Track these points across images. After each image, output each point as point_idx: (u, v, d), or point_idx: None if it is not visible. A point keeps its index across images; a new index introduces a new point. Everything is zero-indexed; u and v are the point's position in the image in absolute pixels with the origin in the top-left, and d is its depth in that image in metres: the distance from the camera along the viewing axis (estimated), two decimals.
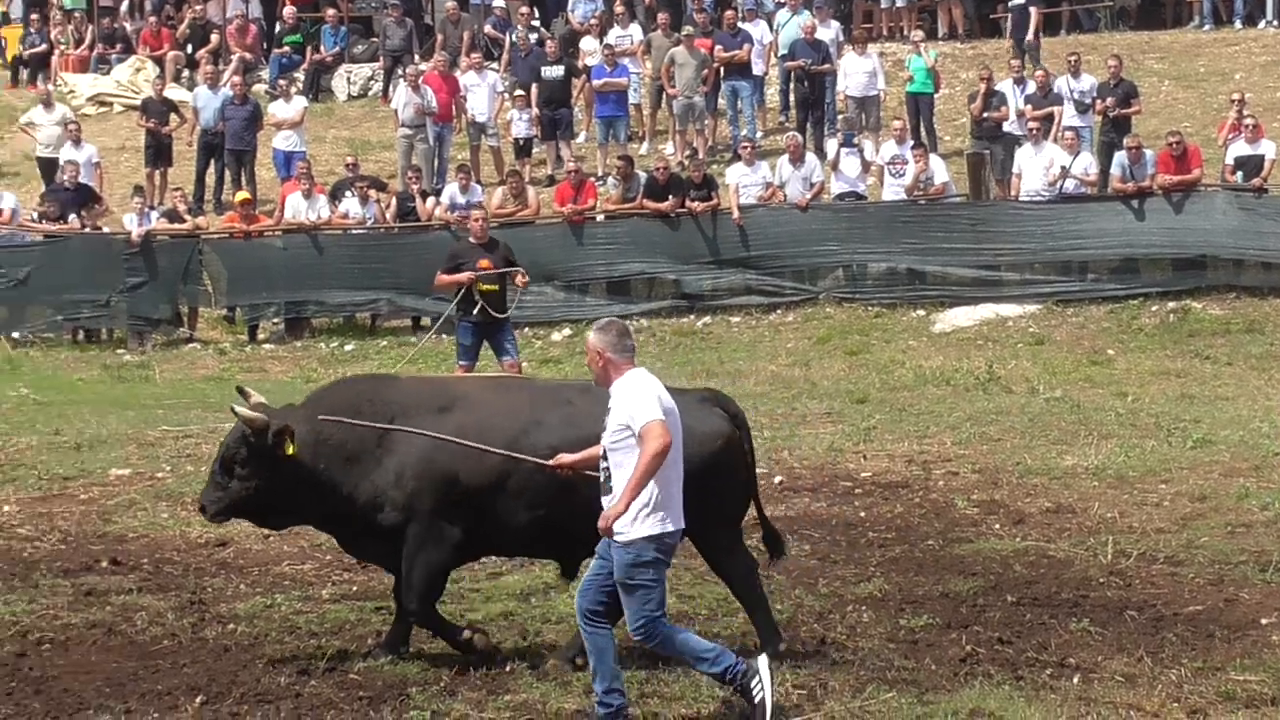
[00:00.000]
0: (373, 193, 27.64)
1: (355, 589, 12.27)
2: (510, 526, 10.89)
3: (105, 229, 27.54)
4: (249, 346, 26.29)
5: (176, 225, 27.22)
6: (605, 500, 9.71)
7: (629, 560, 9.62)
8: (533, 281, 21.80)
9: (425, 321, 26.33)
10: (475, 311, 20.00)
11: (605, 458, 9.75)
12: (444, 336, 23.69)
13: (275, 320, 27.14)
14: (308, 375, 23.47)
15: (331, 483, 10.94)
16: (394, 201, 27.76)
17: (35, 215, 27.66)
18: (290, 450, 10.82)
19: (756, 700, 9.75)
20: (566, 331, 25.60)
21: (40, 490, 16.30)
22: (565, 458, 10.28)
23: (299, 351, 25.76)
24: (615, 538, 9.61)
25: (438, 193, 28.00)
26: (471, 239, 20.81)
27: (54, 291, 26.51)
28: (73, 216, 27.09)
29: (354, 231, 27.49)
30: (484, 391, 11.50)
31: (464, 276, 19.98)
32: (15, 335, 26.24)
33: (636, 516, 9.58)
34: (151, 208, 27.59)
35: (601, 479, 9.79)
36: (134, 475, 16.75)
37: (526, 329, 25.05)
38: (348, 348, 25.77)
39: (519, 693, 10.53)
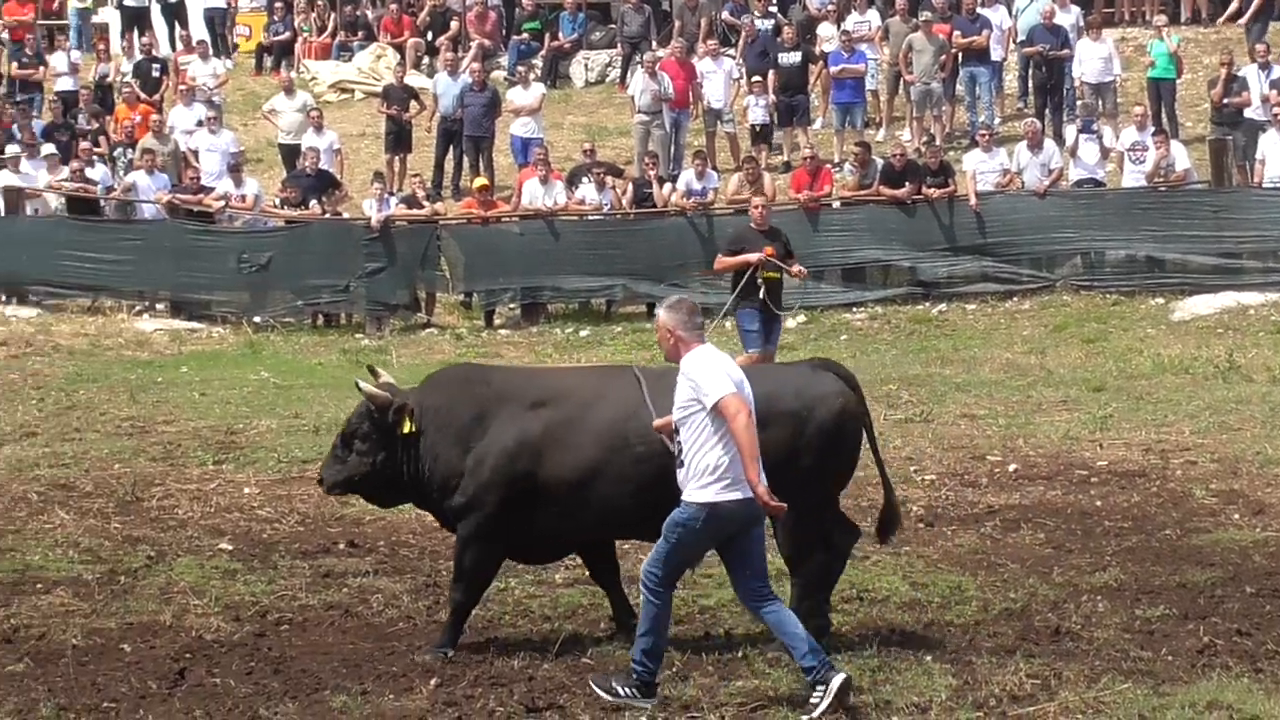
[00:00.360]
0: (609, 179, 27.74)
1: (587, 574, 12.30)
2: (616, 510, 10.90)
3: (345, 215, 27.93)
4: (485, 332, 26.51)
5: (415, 211, 27.54)
6: (679, 474, 9.87)
7: (682, 518, 9.82)
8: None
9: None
10: (756, 297, 19.81)
11: (677, 432, 9.90)
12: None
13: (511, 305, 27.37)
14: (542, 360, 23.63)
15: (434, 462, 11.13)
16: (630, 187, 27.82)
17: (277, 201, 28.12)
18: (408, 428, 11.07)
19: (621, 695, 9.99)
20: (801, 319, 25.46)
21: (279, 473, 16.57)
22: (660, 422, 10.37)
23: (534, 337, 25.94)
24: (683, 498, 9.82)
25: (674, 179, 28.02)
26: (753, 225, 20.63)
27: (294, 277, 26.98)
28: (313, 202, 27.51)
29: (590, 217, 27.61)
30: (589, 381, 11.54)
31: (751, 258, 19.78)
32: (256, 320, 26.71)
33: (701, 481, 9.74)
34: (391, 194, 27.91)
35: (675, 453, 9.93)
36: None
37: None
38: (583, 333, 25.89)
39: (750, 679, 10.50)
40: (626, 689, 9.95)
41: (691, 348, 9.96)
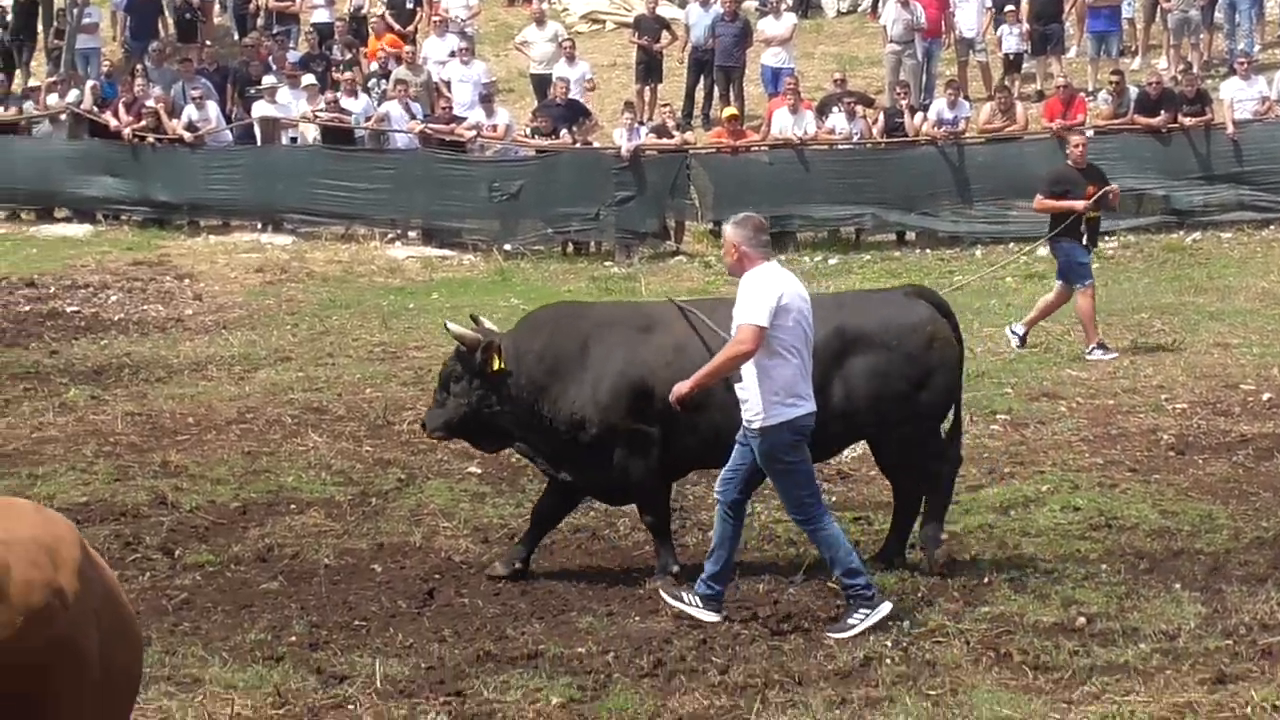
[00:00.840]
0: (860, 108, 27.51)
1: (834, 499, 12.23)
2: (721, 436, 10.70)
3: (595, 144, 28.00)
4: None
5: (665, 140, 27.53)
6: (738, 390, 10.00)
7: (766, 449, 9.91)
8: (1018, 197, 21.38)
9: (910, 237, 26.48)
10: (1082, 236, 19.43)
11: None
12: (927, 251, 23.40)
13: None
14: None
15: (536, 398, 11.07)
16: (881, 117, 27.56)
17: (528, 131, 28.29)
18: (497, 365, 11.05)
19: (851, 623, 9.97)
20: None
21: None
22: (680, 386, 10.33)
23: (783, 265, 25.79)
24: (751, 428, 9.92)
25: (925, 108, 27.69)
26: (1072, 163, 20.16)
27: (545, 205, 27.11)
28: (564, 132, 27.62)
29: (840, 147, 27.40)
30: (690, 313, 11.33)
31: (1077, 205, 19.34)
32: (507, 247, 26.91)
33: (767, 405, 9.84)
34: (641, 123, 27.92)
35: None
36: None
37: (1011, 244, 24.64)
38: (831, 261, 25.72)
39: (996, 605, 10.41)
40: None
41: (756, 263, 10.04)
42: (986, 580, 10.84)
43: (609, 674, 9.44)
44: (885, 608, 10.03)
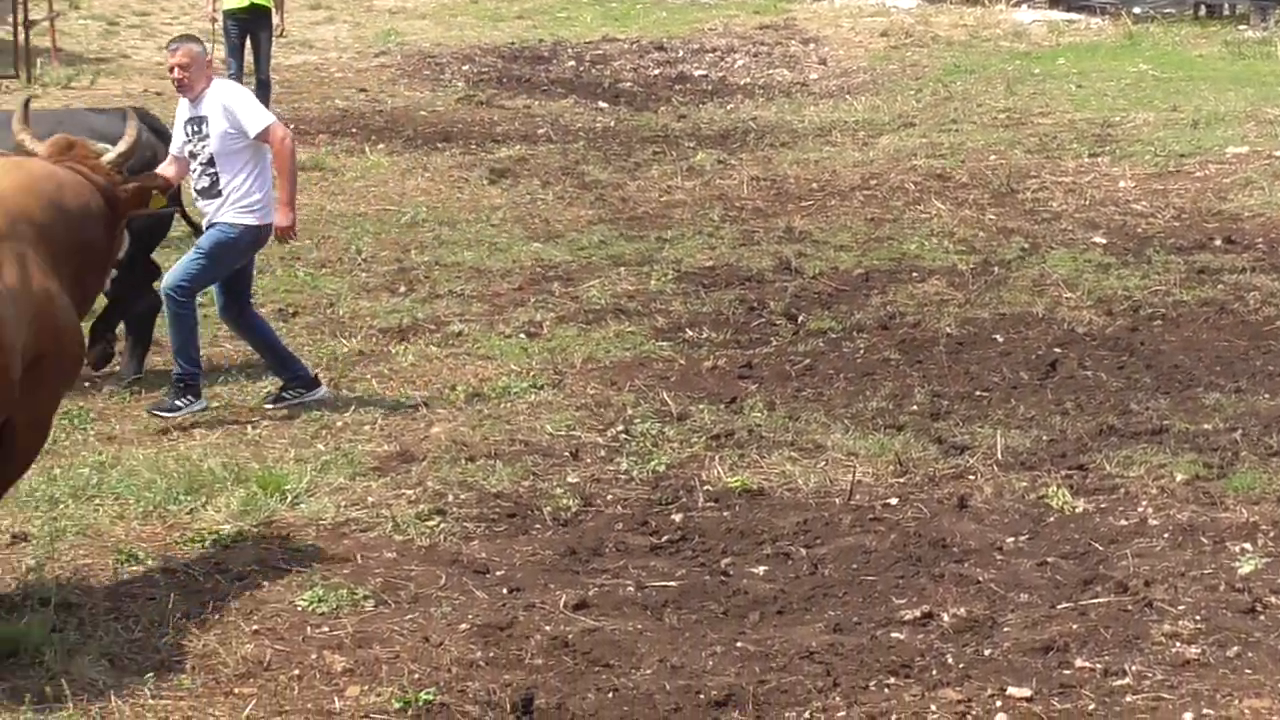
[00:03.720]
0: None
1: None
2: None
3: None
4: None
5: None
6: (209, 202, 9.96)
7: (219, 236, 9.92)
8: None
9: None
10: None
11: (213, 164, 9.90)
12: None
13: None
14: None
15: None
16: None
17: None
18: None
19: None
20: None
21: (1156, 167, 16.19)
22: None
23: None
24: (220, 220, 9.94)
25: None
26: None
27: None
28: None
29: None
30: None
31: None
32: (1136, 10, 26.07)
33: (245, 204, 9.92)
34: None
35: (206, 184, 9.96)
36: (1250, 153, 16.35)
37: None
38: None
39: None
40: (180, 401, 9.97)
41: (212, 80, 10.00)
42: None
43: (1236, 452, 9.12)
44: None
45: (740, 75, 22.74)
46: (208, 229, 9.96)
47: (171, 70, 10.02)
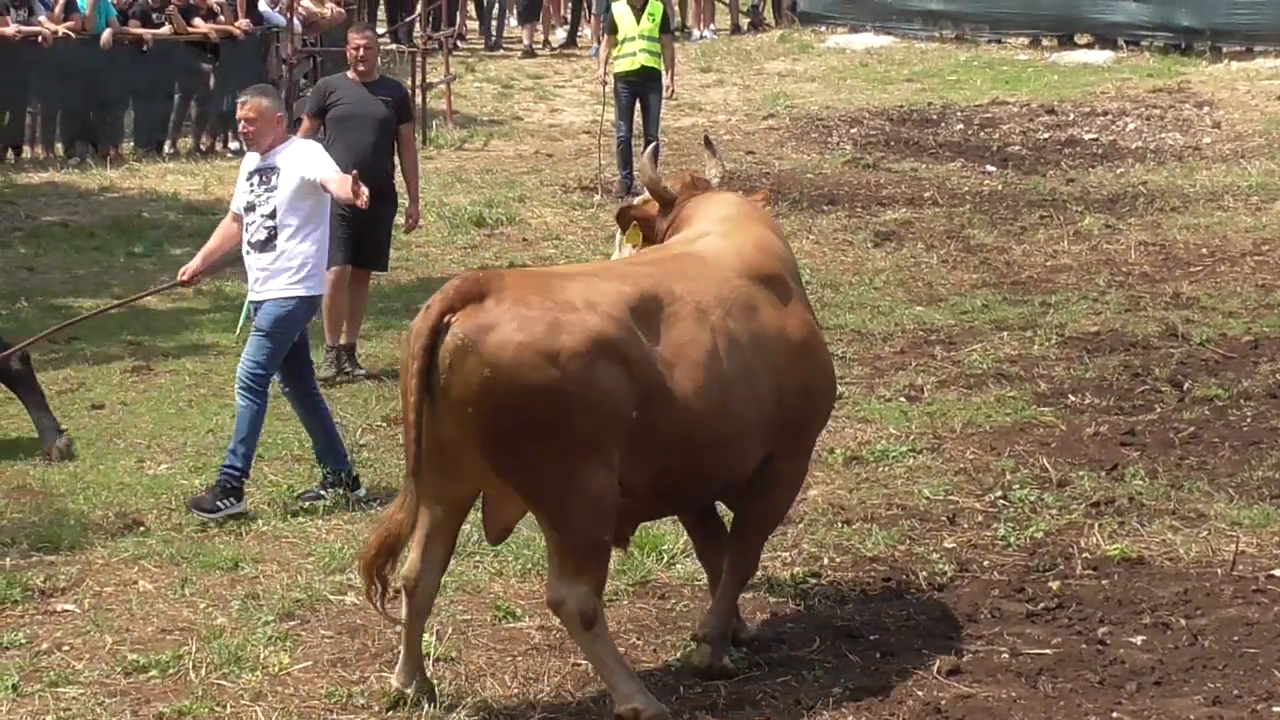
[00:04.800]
0: None
1: None
2: None
3: None
4: None
5: None
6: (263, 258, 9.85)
7: (278, 312, 9.78)
8: None
9: None
10: None
11: (274, 217, 9.78)
12: None
13: None
14: None
15: None
16: None
17: None
18: None
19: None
20: None
21: None
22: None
23: None
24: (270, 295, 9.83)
25: None
26: None
27: None
28: None
29: None
30: None
31: None
32: None
33: (297, 276, 9.81)
34: None
35: (262, 238, 9.84)
36: None
37: None
38: None
39: None
40: (222, 502, 9.67)
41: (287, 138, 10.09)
42: None
43: None
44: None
45: (1131, 139, 22.37)
46: (258, 309, 9.94)
47: (239, 124, 10.20)
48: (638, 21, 19.47)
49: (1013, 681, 7.22)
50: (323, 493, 9.93)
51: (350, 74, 13.00)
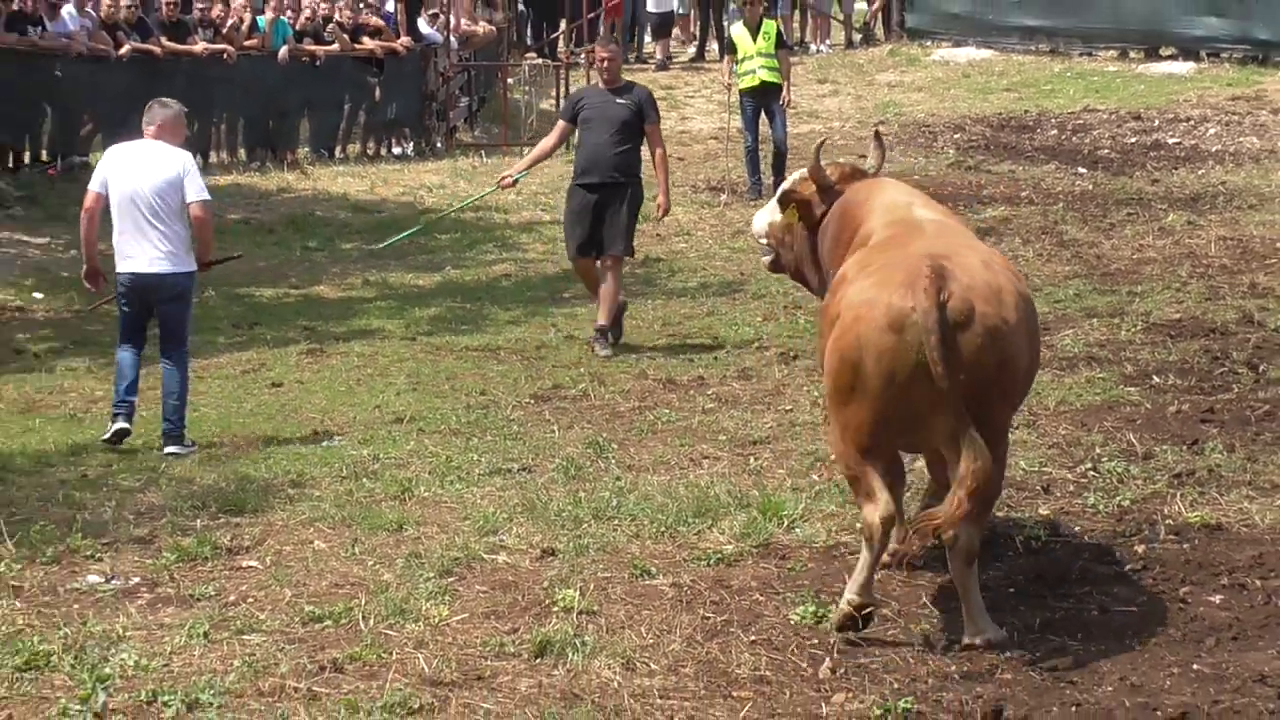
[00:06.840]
0: None
1: None
2: None
3: None
4: None
5: None
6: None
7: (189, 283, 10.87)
8: None
9: None
10: None
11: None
12: None
13: None
14: None
15: None
16: None
17: None
18: None
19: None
20: None
21: None
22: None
23: None
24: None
25: None
26: None
27: None
28: None
29: None
30: None
31: None
32: None
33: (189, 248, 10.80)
34: None
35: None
36: None
37: None
38: None
39: None
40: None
41: None
42: None
43: None
44: None
45: (1211, 143, 22.07)
46: None
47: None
48: (754, 40, 19.49)
49: (1102, 636, 7.18)
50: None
51: (598, 83, 13.71)
